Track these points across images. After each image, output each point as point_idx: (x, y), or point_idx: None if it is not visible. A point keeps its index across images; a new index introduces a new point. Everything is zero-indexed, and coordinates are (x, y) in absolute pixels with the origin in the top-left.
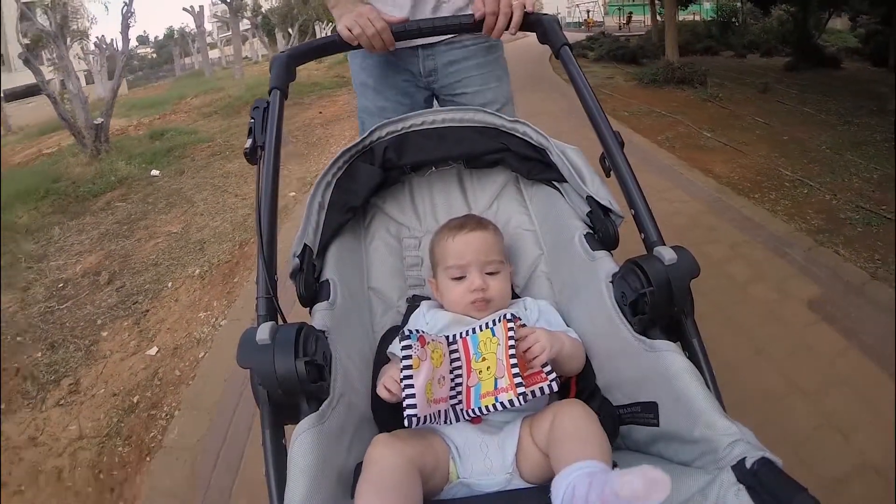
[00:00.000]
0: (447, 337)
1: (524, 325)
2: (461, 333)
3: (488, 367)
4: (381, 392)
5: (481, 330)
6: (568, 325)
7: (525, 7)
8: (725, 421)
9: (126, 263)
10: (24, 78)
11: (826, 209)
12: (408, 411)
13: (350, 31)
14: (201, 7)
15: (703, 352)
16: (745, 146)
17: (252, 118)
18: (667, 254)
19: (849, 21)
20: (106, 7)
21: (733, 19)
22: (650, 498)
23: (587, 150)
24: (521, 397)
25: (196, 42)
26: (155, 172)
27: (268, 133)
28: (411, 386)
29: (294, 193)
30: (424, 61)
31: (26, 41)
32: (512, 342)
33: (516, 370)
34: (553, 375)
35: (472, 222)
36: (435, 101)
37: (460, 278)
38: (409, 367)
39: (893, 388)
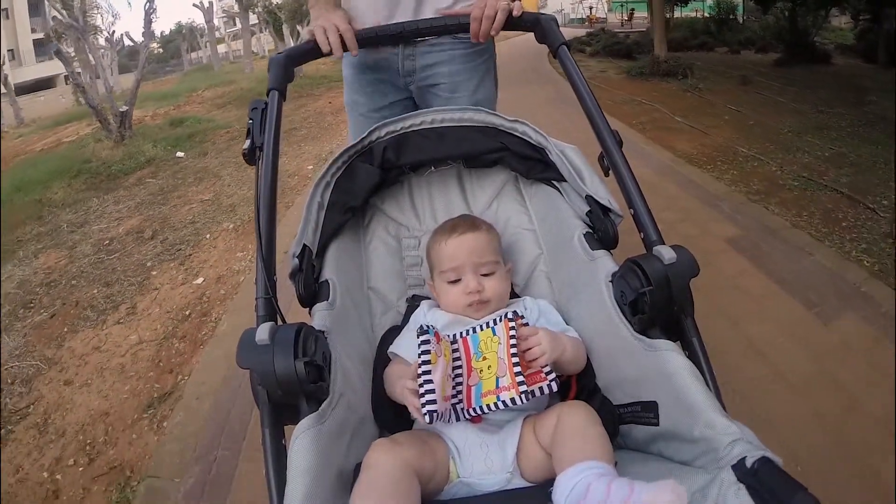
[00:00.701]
0: (447, 336)
1: (526, 324)
2: (461, 333)
3: (489, 367)
4: (414, 412)
5: (482, 329)
6: (568, 325)
7: (511, 10)
8: (725, 420)
9: (165, 223)
10: (34, 72)
11: (769, 178)
12: (427, 407)
13: (324, 36)
14: (211, 3)
15: (703, 351)
16: (712, 129)
17: (250, 119)
18: (666, 253)
19: (851, 20)
20: (129, 4)
21: (731, 16)
22: None
23: (572, 137)
24: (523, 395)
25: (205, 37)
26: (180, 154)
27: (266, 134)
28: (430, 381)
29: (312, 167)
30: (404, 62)
31: (36, 36)
32: (514, 341)
33: (518, 369)
34: (553, 376)
35: (464, 224)
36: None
37: (456, 281)
38: (427, 361)
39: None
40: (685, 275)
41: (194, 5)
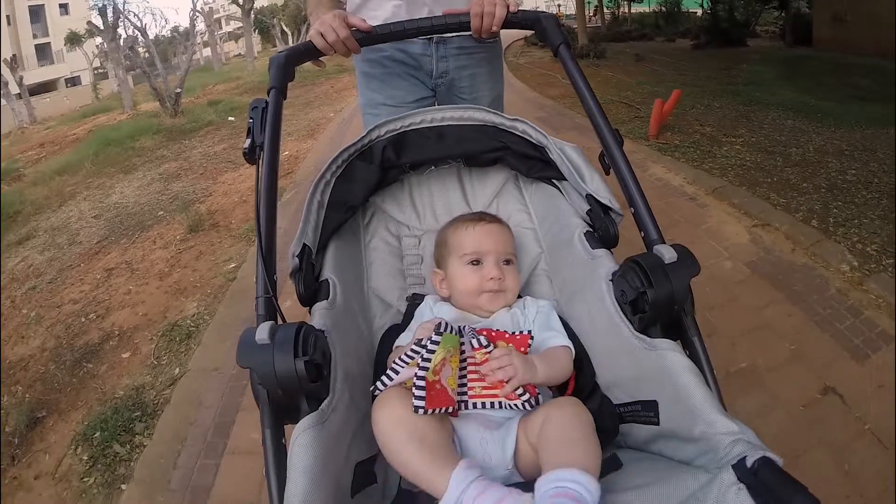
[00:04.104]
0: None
1: (490, 349)
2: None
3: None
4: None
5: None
6: (567, 325)
7: (509, 6)
8: (726, 420)
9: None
10: (36, 76)
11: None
12: (416, 402)
13: (322, 38)
14: (211, 8)
15: (704, 350)
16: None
17: (250, 118)
18: (667, 252)
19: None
20: (176, 11)
21: (676, 9)
22: None
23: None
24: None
25: (192, 39)
26: (231, 118)
27: (266, 133)
28: (423, 378)
29: (333, 114)
30: (438, 62)
31: (37, 41)
32: (462, 355)
33: (462, 381)
34: (526, 396)
35: (489, 216)
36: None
37: (476, 263)
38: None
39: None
40: (685, 274)
41: (197, 11)
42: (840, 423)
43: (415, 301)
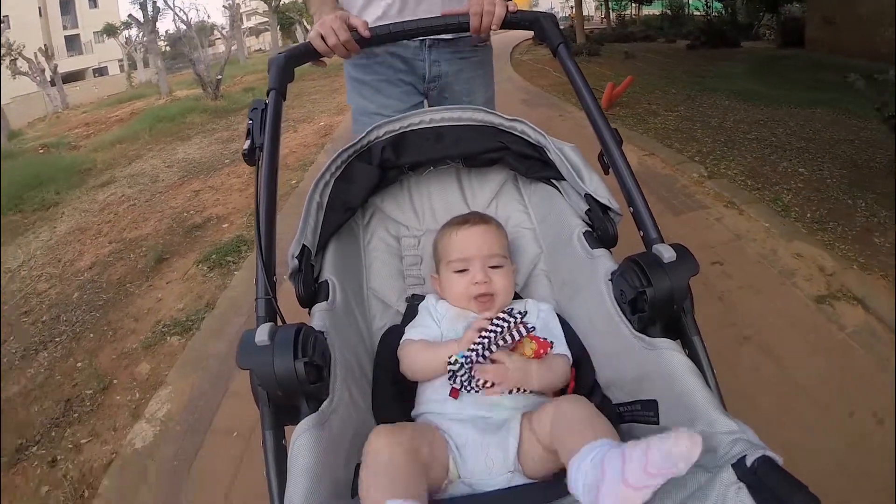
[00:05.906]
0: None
1: (523, 324)
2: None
3: None
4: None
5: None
6: (567, 325)
7: (508, 5)
8: (726, 419)
9: (288, 114)
10: (66, 66)
11: (567, 89)
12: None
13: (322, 40)
14: (238, 4)
15: (704, 349)
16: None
17: (250, 119)
18: (666, 252)
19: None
20: (217, 8)
21: (680, 12)
22: (693, 454)
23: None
24: None
25: (233, 32)
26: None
27: (266, 134)
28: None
29: None
30: (431, 66)
31: (67, 33)
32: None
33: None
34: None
35: (475, 217)
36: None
37: (463, 271)
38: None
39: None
40: (685, 273)
41: (224, 6)
42: None
43: (414, 301)
